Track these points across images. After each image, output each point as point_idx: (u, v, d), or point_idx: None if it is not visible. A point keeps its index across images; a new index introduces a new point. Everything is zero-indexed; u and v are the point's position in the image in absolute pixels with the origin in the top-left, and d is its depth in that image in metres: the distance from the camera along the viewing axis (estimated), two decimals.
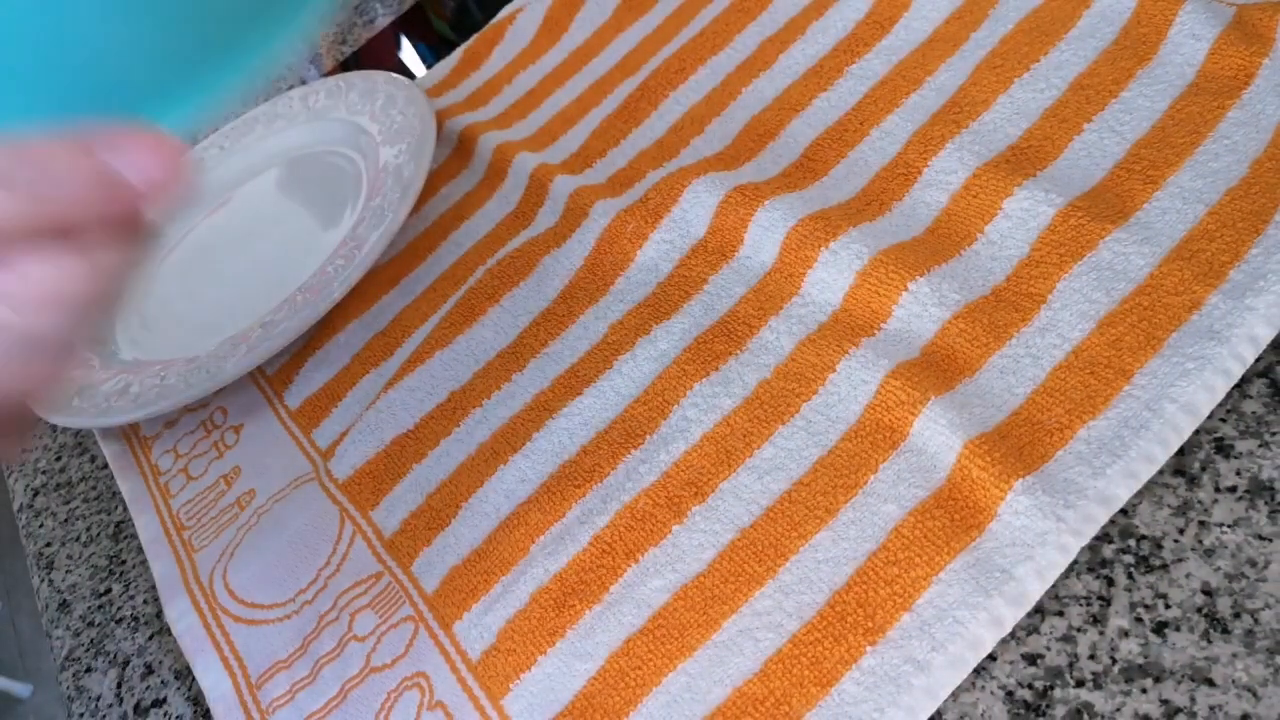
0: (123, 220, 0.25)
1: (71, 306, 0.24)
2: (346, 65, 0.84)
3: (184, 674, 0.49)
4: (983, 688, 0.35)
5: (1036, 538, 0.36)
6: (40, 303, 0.24)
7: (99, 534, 0.59)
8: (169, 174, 0.25)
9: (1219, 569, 0.35)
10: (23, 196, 0.23)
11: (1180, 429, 0.37)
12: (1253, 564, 0.35)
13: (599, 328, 0.51)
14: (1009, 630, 0.35)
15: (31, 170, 0.23)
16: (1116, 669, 0.34)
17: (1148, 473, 0.37)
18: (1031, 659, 0.36)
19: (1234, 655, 0.33)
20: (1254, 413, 0.38)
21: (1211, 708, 0.33)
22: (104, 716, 0.50)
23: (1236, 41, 0.47)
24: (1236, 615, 0.34)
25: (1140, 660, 0.34)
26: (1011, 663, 0.36)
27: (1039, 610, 0.36)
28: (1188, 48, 0.48)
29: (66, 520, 0.62)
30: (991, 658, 0.36)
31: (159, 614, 0.53)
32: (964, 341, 0.42)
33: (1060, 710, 0.34)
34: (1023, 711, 0.35)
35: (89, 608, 0.55)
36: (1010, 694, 0.35)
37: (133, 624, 0.53)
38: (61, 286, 0.24)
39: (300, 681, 0.44)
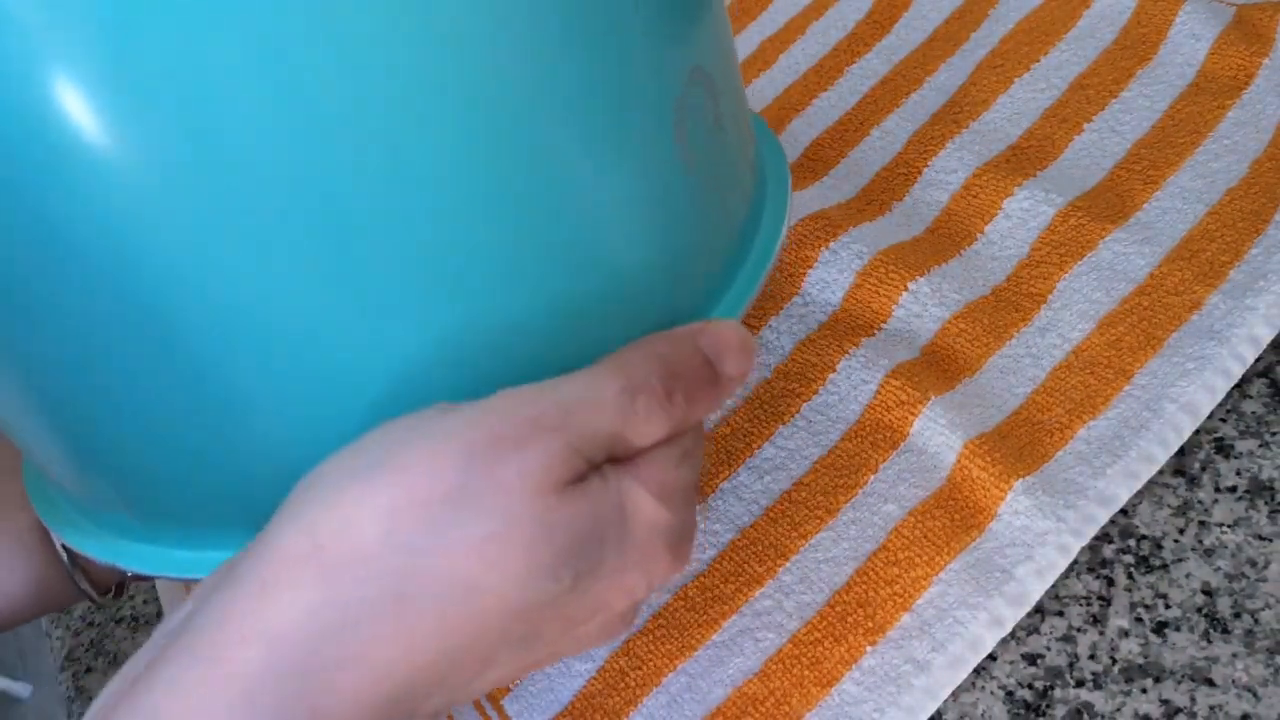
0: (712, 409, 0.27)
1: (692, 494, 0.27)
2: None
3: None
4: (983, 688, 0.35)
5: (1037, 538, 0.36)
6: (686, 494, 0.26)
7: None
8: (750, 362, 0.27)
9: (1219, 569, 0.35)
10: (676, 403, 0.25)
11: (1180, 429, 0.37)
12: (1253, 564, 0.35)
13: None
14: (1009, 630, 0.35)
15: (666, 368, 0.25)
16: (1117, 669, 0.34)
17: (1148, 473, 0.36)
18: (1032, 659, 0.35)
19: (1234, 655, 0.33)
20: (1254, 413, 0.38)
21: (1212, 708, 0.33)
22: None
23: (1236, 41, 0.47)
24: (1237, 615, 0.34)
25: (1140, 660, 0.34)
26: (1011, 663, 0.36)
27: (1039, 610, 0.36)
28: (1188, 48, 0.48)
29: None
30: (991, 658, 0.36)
31: (159, 614, 0.53)
32: (964, 341, 0.42)
33: (1060, 710, 0.34)
34: (1023, 711, 0.35)
35: (89, 608, 0.55)
36: (1010, 694, 0.35)
37: (132, 624, 0.53)
38: (694, 476, 0.27)
39: None
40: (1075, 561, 0.36)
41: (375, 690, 0.21)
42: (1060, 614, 0.36)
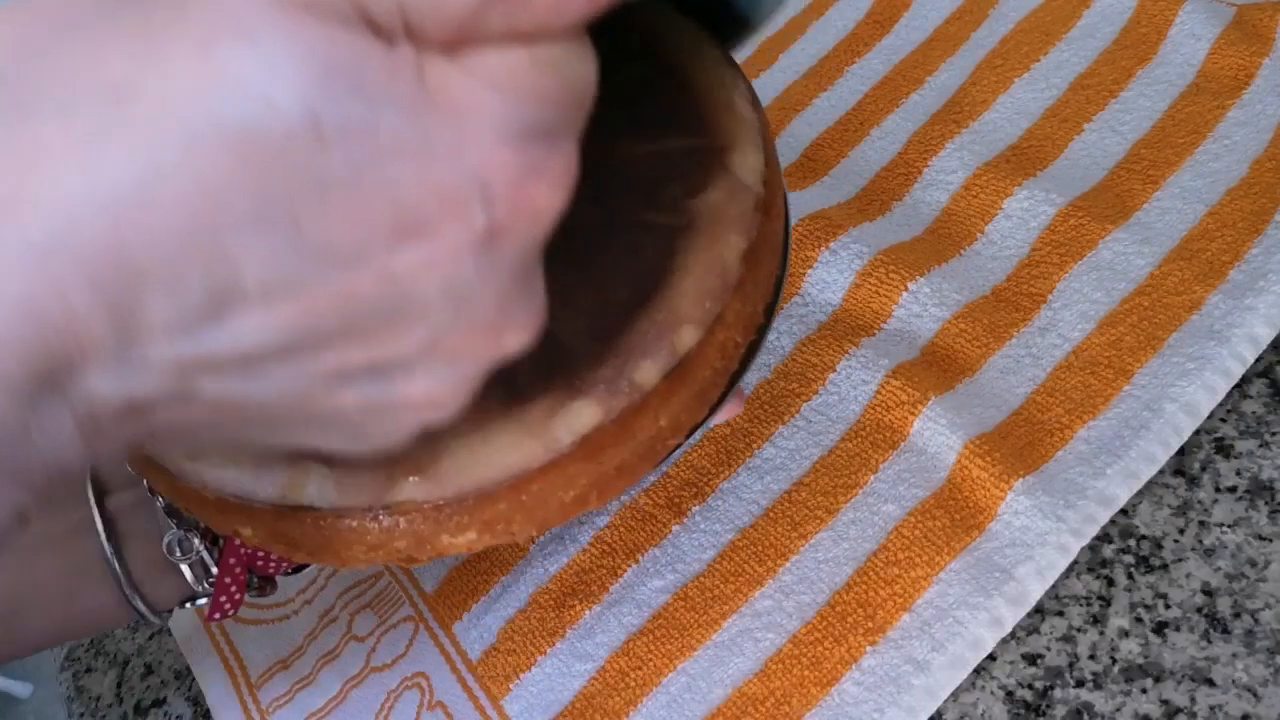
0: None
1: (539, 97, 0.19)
2: None
3: (184, 674, 0.49)
4: (983, 688, 0.35)
5: (1037, 538, 0.36)
6: (541, 100, 0.19)
7: None
8: None
9: (1219, 569, 0.35)
10: None
11: (1180, 429, 0.37)
12: (1253, 564, 0.35)
13: None
14: (1009, 630, 0.35)
15: None
16: (1116, 669, 0.34)
17: (1148, 473, 0.36)
18: (1031, 659, 0.35)
19: (1234, 655, 0.33)
20: (1254, 413, 0.38)
21: (1212, 708, 0.33)
22: (104, 716, 0.50)
23: (1236, 41, 0.47)
24: (1236, 615, 0.34)
25: (1140, 660, 0.34)
26: (1011, 663, 0.36)
27: (1039, 610, 0.36)
28: (1188, 47, 0.48)
29: None
30: (991, 658, 0.36)
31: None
32: (964, 341, 0.42)
33: (1060, 710, 0.34)
34: (1023, 711, 0.35)
35: None
36: (1010, 694, 0.35)
37: (132, 624, 0.53)
38: (565, 92, 0.20)
39: (300, 681, 0.44)
40: (1075, 562, 0.36)
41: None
42: (1060, 614, 0.36)
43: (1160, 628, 0.35)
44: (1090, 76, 0.49)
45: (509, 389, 0.27)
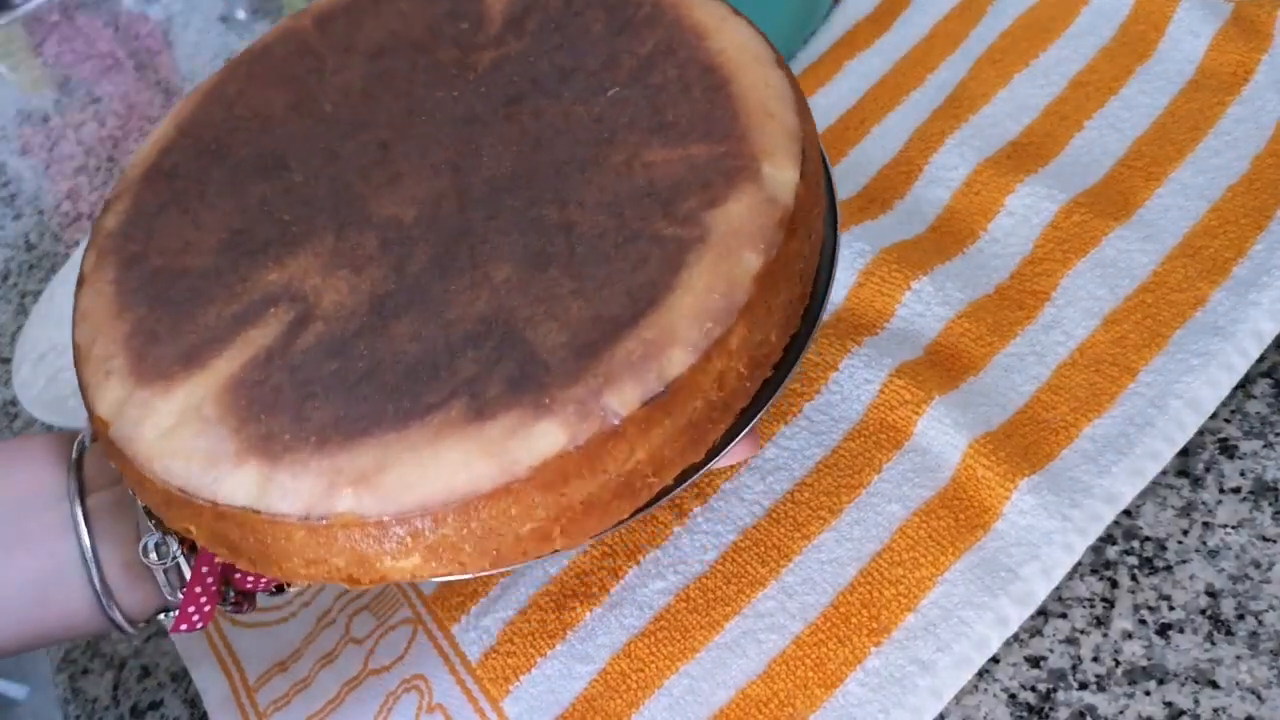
0: None
1: None
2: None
3: (181, 676, 0.49)
4: (985, 690, 0.35)
5: (1042, 537, 0.36)
6: None
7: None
8: None
9: (1223, 570, 0.35)
10: None
11: (1185, 425, 0.37)
12: (1257, 565, 0.35)
13: None
14: (1015, 630, 0.35)
15: None
16: (1120, 671, 0.34)
17: (1153, 470, 0.36)
18: (1034, 661, 0.35)
19: (1238, 657, 0.33)
20: (1258, 413, 0.38)
21: (1215, 710, 0.33)
22: (100, 718, 0.49)
23: (1235, 38, 0.46)
24: (1240, 617, 0.34)
25: (1144, 662, 0.34)
26: (1014, 665, 0.35)
27: (1042, 612, 0.36)
28: (1187, 44, 0.48)
29: None
30: (994, 660, 0.36)
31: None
32: (968, 340, 0.42)
33: (1063, 713, 0.34)
34: (1025, 714, 0.34)
35: None
36: (1013, 696, 0.35)
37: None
38: None
39: (298, 684, 0.44)
40: (1079, 563, 0.36)
41: None
42: (1063, 616, 0.36)
43: (1164, 629, 0.35)
44: (1090, 73, 0.49)
45: (474, 399, 0.25)
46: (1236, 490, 0.36)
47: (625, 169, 0.29)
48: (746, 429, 0.28)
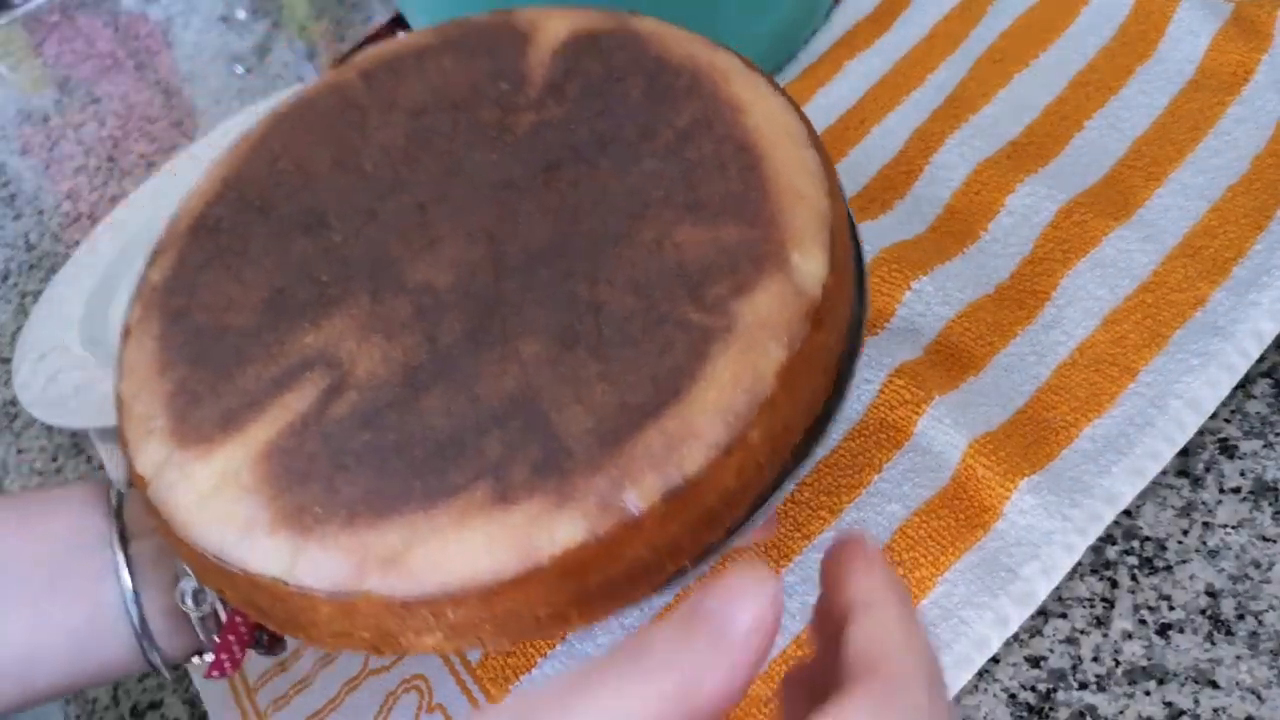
0: None
1: None
2: (344, 63, 0.83)
3: (181, 676, 0.49)
4: (985, 690, 0.35)
5: (1043, 536, 0.36)
6: None
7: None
8: (771, 628, 0.21)
9: (1223, 570, 0.35)
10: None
11: (1185, 425, 0.37)
12: (1257, 565, 0.35)
13: None
14: (1015, 630, 0.35)
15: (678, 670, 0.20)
16: (1120, 671, 0.34)
17: (1154, 470, 0.36)
18: (1035, 661, 0.35)
19: (1238, 657, 0.33)
20: (1258, 413, 0.38)
21: (1215, 710, 0.33)
22: (100, 718, 0.49)
23: (1235, 37, 0.46)
24: (1240, 617, 0.34)
25: (1144, 662, 0.34)
26: (1014, 665, 0.35)
27: (1042, 612, 0.36)
28: (1187, 44, 0.48)
29: None
30: (994, 660, 0.36)
31: None
32: (968, 339, 0.42)
33: (1063, 713, 0.34)
34: (1025, 714, 0.34)
35: None
36: (1013, 696, 0.35)
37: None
38: None
39: (298, 684, 0.44)
40: (1079, 563, 0.36)
41: None
42: (1064, 616, 0.36)
43: (1164, 629, 0.35)
44: (1090, 73, 0.49)
45: (498, 482, 0.25)
46: (1236, 490, 0.36)
47: (656, 247, 0.29)
48: (765, 510, 0.28)
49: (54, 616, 0.34)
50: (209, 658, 0.36)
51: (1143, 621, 0.35)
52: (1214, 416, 0.38)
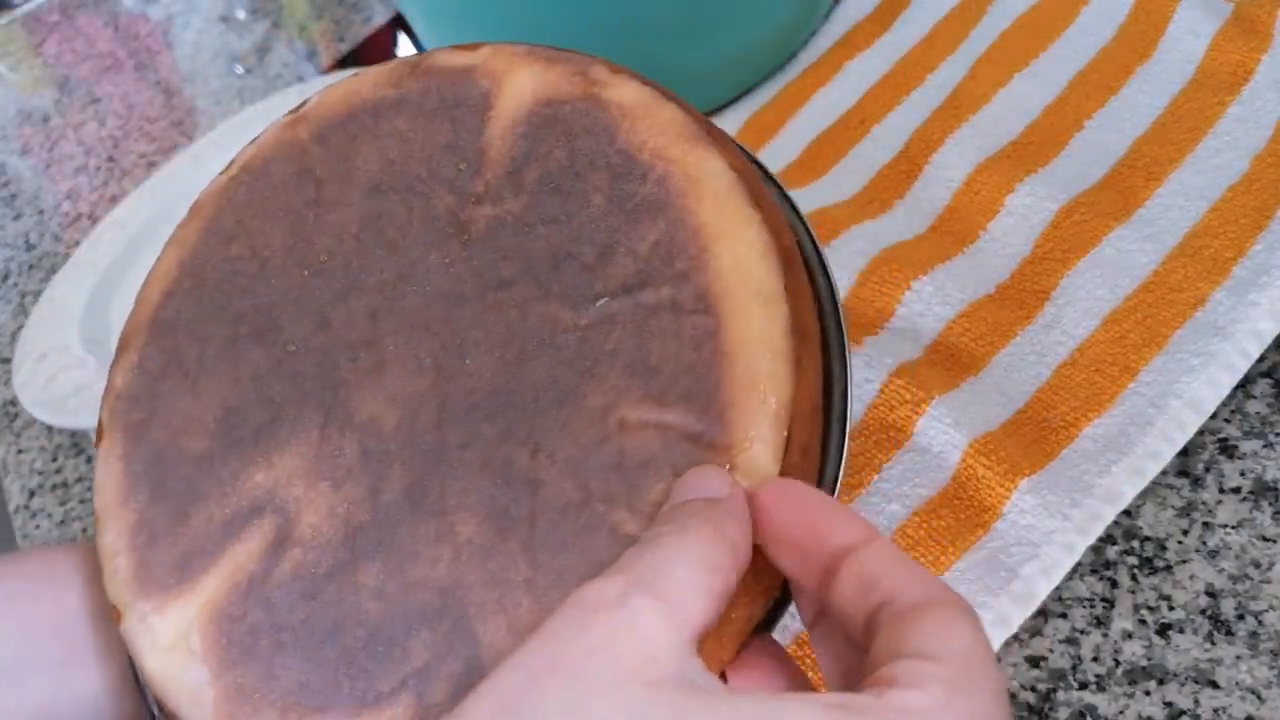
0: None
1: None
2: (344, 63, 0.84)
3: None
4: None
5: (1043, 536, 0.36)
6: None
7: (95, 535, 0.58)
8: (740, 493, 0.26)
9: (1223, 570, 0.35)
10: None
11: (1185, 425, 0.37)
12: (1257, 565, 0.35)
13: None
14: (1015, 630, 0.35)
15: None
16: (1120, 671, 0.34)
17: (1154, 469, 0.36)
18: (1035, 661, 0.35)
19: (1238, 657, 0.33)
20: (1258, 413, 0.38)
21: (1215, 710, 0.33)
22: None
23: (1235, 37, 0.46)
24: (1240, 617, 0.34)
25: (1144, 662, 0.34)
26: (1015, 665, 0.35)
27: (1042, 612, 0.36)
28: (1187, 44, 0.48)
29: (63, 521, 0.61)
30: (995, 659, 0.36)
31: None
32: (968, 339, 0.42)
33: (1063, 713, 0.34)
34: (1026, 714, 0.34)
35: None
36: (1013, 696, 0.35)
37: None
38: None
39: None
40: (1079, 563, 0.36)
41: None
42: (1063, 616, 0.36)
43: (1164, 629, 0.35)
44: (1090, 73, 0.49)
45: (419, 700, 0.26)
46: (1236, 490, 0.36)
47: (600, 419, 0.28)
48: None
49: (73, 683, 0.34)
50: None
51: (1143, 621, 0.35)
52: (1214, 416, 0.38)
